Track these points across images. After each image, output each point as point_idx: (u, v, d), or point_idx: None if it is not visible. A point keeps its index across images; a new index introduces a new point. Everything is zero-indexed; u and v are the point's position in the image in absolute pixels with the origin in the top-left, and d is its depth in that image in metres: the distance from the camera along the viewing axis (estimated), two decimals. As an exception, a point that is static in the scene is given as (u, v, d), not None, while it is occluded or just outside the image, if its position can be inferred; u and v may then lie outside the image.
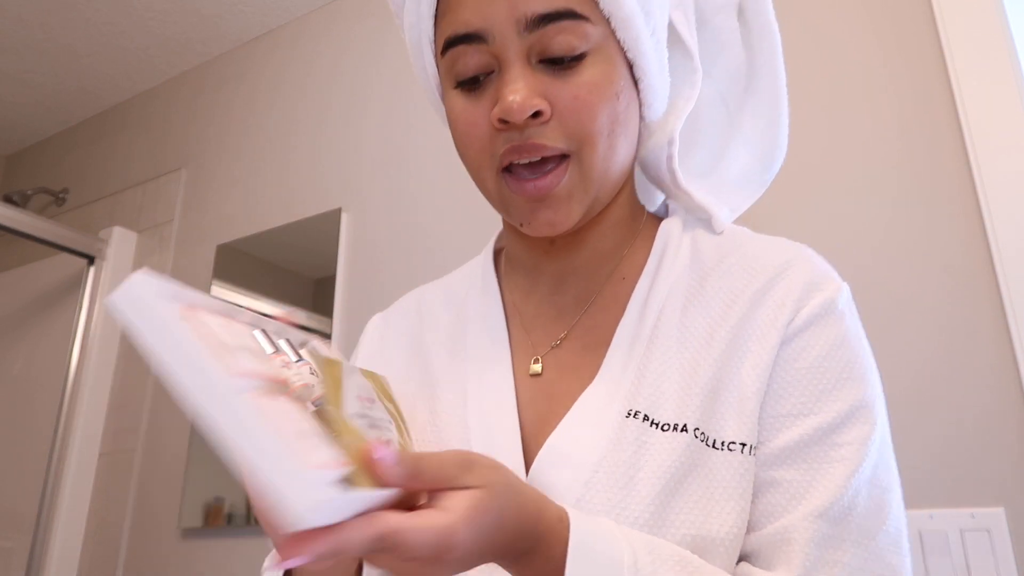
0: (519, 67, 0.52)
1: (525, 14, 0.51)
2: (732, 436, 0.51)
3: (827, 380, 0.53)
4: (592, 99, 0.53)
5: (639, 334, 0.56)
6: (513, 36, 0.52)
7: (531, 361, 0.59)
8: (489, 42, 0.53)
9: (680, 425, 0.52)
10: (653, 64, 0.57)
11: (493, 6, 0.52)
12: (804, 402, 0.53)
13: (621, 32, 0.54)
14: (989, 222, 1.04)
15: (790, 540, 0.49)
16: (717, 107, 0.68)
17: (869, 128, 1.17)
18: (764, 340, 0.54)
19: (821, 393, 0.53)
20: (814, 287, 0.55)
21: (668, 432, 0.51)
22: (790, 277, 0.56)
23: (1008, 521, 0.94)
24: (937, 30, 1.15)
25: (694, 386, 0.53)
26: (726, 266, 0.59)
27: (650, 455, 0.51)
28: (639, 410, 0.53)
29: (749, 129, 0.68)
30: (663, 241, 0.62)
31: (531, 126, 0.52)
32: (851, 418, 0.52)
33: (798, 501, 0.50)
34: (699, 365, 0.54)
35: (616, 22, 0.54)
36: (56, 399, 1.93)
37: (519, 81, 0.52)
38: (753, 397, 0.52)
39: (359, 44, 1.88)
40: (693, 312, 0.57)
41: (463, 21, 0.53)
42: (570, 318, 0.60)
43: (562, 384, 0.57)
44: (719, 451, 0.51)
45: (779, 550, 0.49)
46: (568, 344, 0.59)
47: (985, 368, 1.01)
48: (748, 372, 0.53)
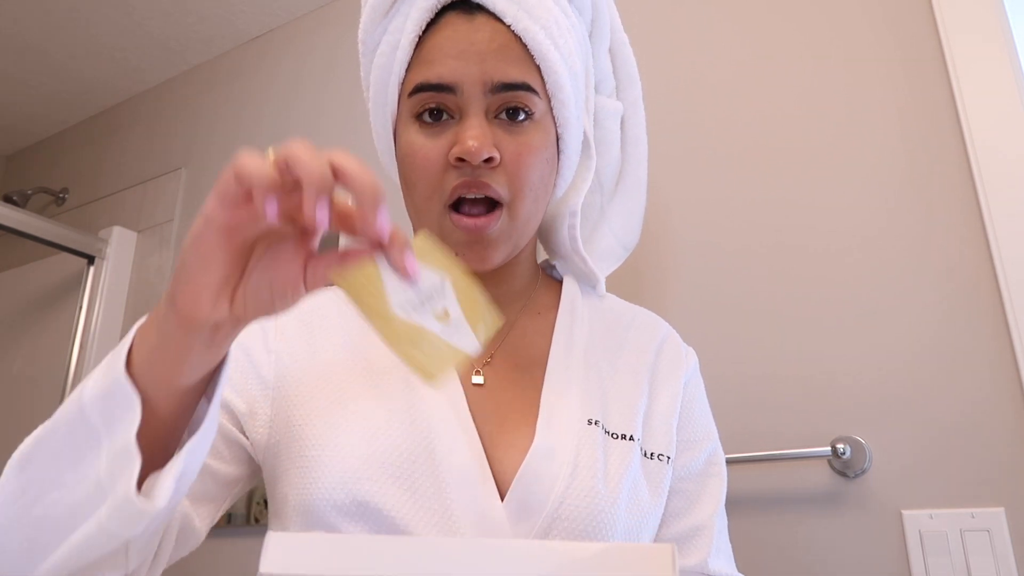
0: (479, 118, 0.63)
1: (492, 79, 0.63)
2: (661, 449, 0.67)
3: (706, 417, 0.75)
4: (531, 158, 0.65)
5: (570, 362, 0.68)
6: (479, 94, 0.63)
7: (472, 372, 0.67)
8: (457, 94, 0.64)
9: (628, 435, 0.65)
10: (574, 140, 0.71)
11: (467, 68, 0.63)
12: (697, 432, 0.72)
13: (558, 110, 0.68)
14: (989, 222, 1.04)
15: (699, 533, 0.67)
16: (596, 193, 0.83)
17: (869, 128, 1.17)
18: (672, 380, 0.73)
19: (706, 429, 0.73)
20: (689, 352, 0.78)
21: (618, 440, 0.65)
22: (674, 339, 0.78)
23: (1008, 521, 0.94)
24: (937, 29, 1.14)
25: (633, 406, 0.68)
26: (637, 323, 0.77)
27: (613, 456, 0.63)
28: (598, 419, 0.64)
29: (614, 216, 0.84)
30: (571, 292, 0.76)
31: (482, 168, 0.63)
32: (718, 446, 0.74)
33: (692, 505, 0.69)
34: (633, 390, 0.69)
35: (556, 102, 0.68)
36: (56, 399, 1.93)
37: (478, 129, 0.62)
38: (671, 420, 0.70)
39: (355, 44, 1.87)
40: (619, 353, 0.73)
41: (437, 74, 0.64)
42: (495, 340, 0.70)
43: (506, 393, 0.66)
44: (651, 460, 0.66)
45: (690, 540, 0.67)
46: (500, 362, 0.69)
47: (985, 368, 1.01)
48: (667, 402, 0.71)
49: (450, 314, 0.45)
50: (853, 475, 1.04)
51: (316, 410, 0.64)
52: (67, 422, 0.47)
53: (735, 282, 1.21)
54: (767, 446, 1.09)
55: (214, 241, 0.42)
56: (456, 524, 0.57)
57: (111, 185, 2.30)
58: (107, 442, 0.45)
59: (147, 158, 2.25)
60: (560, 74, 0.66)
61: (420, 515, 0.57)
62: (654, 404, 0.70)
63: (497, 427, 0.63)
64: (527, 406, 0.65)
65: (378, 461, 0.59)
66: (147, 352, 0.46)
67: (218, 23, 2.06)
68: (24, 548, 0.47)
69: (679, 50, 1.37)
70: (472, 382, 0.67)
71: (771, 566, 1.06)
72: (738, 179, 1.26)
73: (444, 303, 0.45)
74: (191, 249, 0.43)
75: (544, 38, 0.65)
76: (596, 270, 0.79)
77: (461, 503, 0.57)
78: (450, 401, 0.63)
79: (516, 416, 0.64)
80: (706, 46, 1.35)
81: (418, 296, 0.44)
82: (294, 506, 0.60)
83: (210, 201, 0.42)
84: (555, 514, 0.58)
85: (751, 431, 1.11)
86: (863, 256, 1.12)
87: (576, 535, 0.58)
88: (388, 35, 0.69)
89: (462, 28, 0.65)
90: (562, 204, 0.77)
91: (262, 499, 1.61)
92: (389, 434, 0.60)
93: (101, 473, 0.45)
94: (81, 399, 0.46)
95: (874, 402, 1.06)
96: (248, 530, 1.62)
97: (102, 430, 0.45)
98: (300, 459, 0.61)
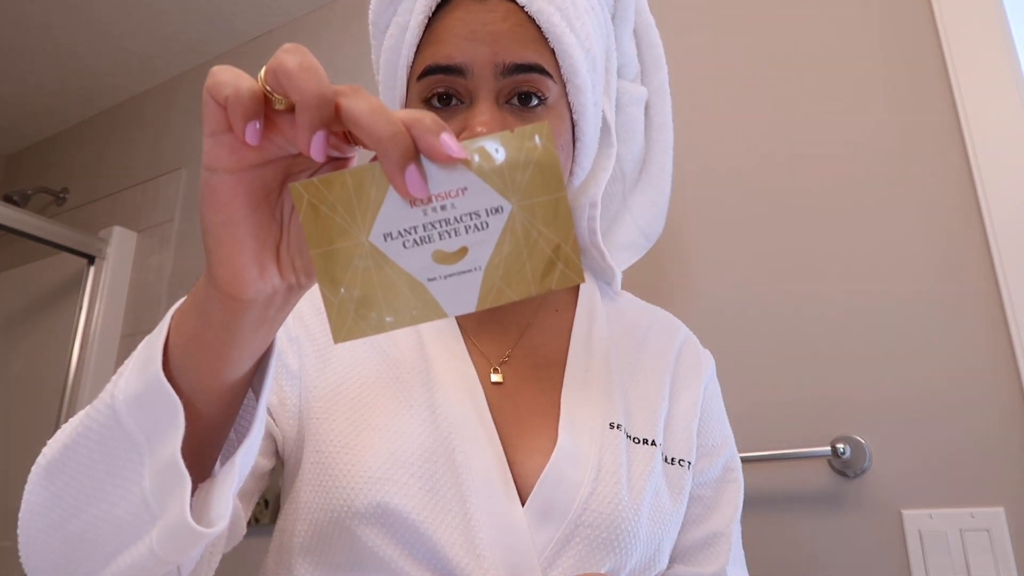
0: (489, 103, 0.60)
1: (504, 60, 0.60)
2: (682, 455, 0.66)
3: (724, 423, 0.73)
4: None
5: (589, 363, 0.66)
6: (490, 77, 0.60)
7: (490, 371, 0.65)
8: (467, 77, 0.60)
9: (650, 440, 0.64)
10: (592, 128, 0.67)
11: (478, 48, 0.60)
12: (715, 437, 0.71)
13: (573, 96, 0.64)
14: (989, 222, 1.04)
15: (718, 541, 0.66)
16: (617, 182, 0.80)
17: (869, 128, 1.17)
18: (692, 384, 0.71)
19: (724, 435, 0.72)
20: (707, 356, 0.77)
21: (640, 445, 0.63)
22: (692, 342, 0.76)
23: (1008, 521, 0.94)
24: (937, 30, 1.15)
25: (655, 411, 0.66)
26: (656, 325, 0.75)
27: (635, 462, 0.61)
28: (620, 423, 0.62)
29: (636, 206, 0.81)
30: (588, 290, 0.74)
31: None
32: (735, 453, 0.73)
33: (710, 512, 0.68)
34: (654, 394, 0.67)
35: (571, 87, 0.64)
36: (56, 399, 1.93)
37: (488, 115, 0.59)
38: (692, 425, 0.68)
39: (354, 44, 1.88)
40: (638, 355, 0.70)
41: (447, 55, 0.60)
42: (513, 337, 0.68)
43: (524, 394, 0.64)
44: (672, 466, 0.65)
45: (708, 548, 0.66)
46: (517, 360, 0.66)
47: (985, 368, 1.01)
48: (687, 406, 0.69)
49: (469, 253, 0.33)
50: (853, 475, 1.04)
51: (336, 406, 0.61)
52: (100, 426, 0.40)
53: (735, 282, 1.21)
54: (767, 446, 1.09)
55: (227, 191, 0.34)
56: (474, 530, 0.54)
57: (111, 185, 2.30)
58: (149, 456, 0.39)
59: (147, 158, 2.25)
60: (575, 58, 0.63)
61: (440, 519, 0.54)
62: (675, 408, 0.68)
63: (516, 429, 0.61)
64: (547, 407, 0.62)
65: (400, 462, 0.56)
66: (185, 342, 0.39)
67: (218, 23, 2.06)
68: (60, 564, 0.43)
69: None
70: (491, 380, 0.64)
71: (771, 566, 1.06)
72: (738, 181, 1.26)
73: (466, 240, 0.33)
74: (207, 209, 0.35)
75: (559, 20, 0.62)
76: (613, 265, 0.76)
77: (481, 508, 0.55)
78: (471, 399, 0.60)
79: (536, 418, 0.62)
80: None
81: (427, 219, 0.33)
82: (306, 506, 0.57)
83: (206, 142, 0.34)
84: (578, 521, 0.56)
85: (751, 431, 1.11)
86: (864, 257, 1.12)
87: (598, 543, 0.55)
88: (398, 16, 0.67)
89: (474, 9, 0.61)
90: (581, 195, 0.73)
91: (262, 499, 1.61)
92: (411, 433, 0.58)
93: (146, 491, 0.39)
94: (114, 400, 0.40)
95: (874, 402, 1.06)
96: (248, 529, 1.61)
97: (142, 441, 0.39)
98: (317, 455, 0.58)
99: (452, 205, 0.32)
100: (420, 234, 0.33)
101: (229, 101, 0.32)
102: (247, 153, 0.34)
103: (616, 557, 0.56)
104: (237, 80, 0.32)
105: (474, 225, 0.33)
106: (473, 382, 0.61)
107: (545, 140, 0.33)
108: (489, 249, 0.33)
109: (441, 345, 0.64)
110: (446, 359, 0.63)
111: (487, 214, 0.33)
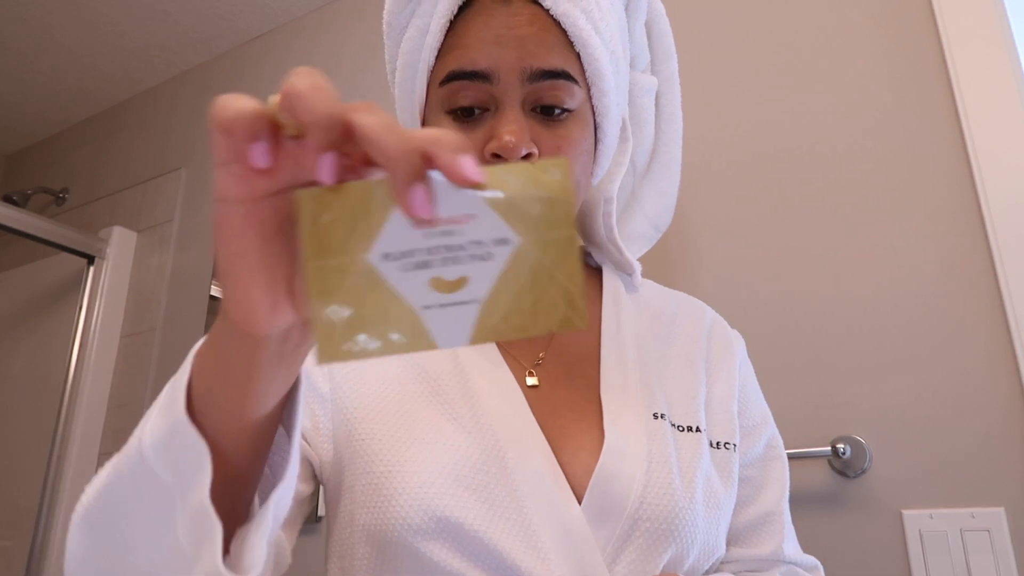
0: (516, 111, 0.58)
1: (531, 66, 0.58)
2: (726, 438, 0.65)
3: (760, 400, 0.72)
4: (570, 152, 0.61)
5: (623, 356, 0.65)
6: (516, 83, 0.58)
7: (525, 374, 0.64)
8: (492, 83, 0.59)
9: (695, 427, 0.63)
10: (613, 128, 0.66)
11: (503, 53, 0.58)
12: (755, 416, 0.70)
13: (597, 99, 0.63)
14: (989, 222, 1.04)
15: (771, 520, 0.66)
16: (628, 174, 0.79)
17: (869, 128, 1.17)
18: (726, 365, 0.70)
19: (762, 413, 0.71)
20: (737, 337, 0.75)
21: (686, 432, 0.62)
22: (721, 324, 0.75)
23: (1008, 521, 0.94)
24: (937, 30, 1.15)
25: (694, 397, 0.65)
26: (683, 311, 0.74)
27: (684, 450, 0.60)
28: (663, 413, 0.62)
29: (646, 197, 0.80)
30: (612, 283, 0.73)
31: None
32: (774, 428, 0.72)
33: (759, 491, 0.67)
34: (692, 381, 0.67)
35: (595, 90, 0.63)
36: (56, 399, 1.93)
37: (515, 123, 0.57)
38: (732, 407, 0.67)
39: (356, 44, 1.88)
40: (669, 343, 0.70)
41: (472, 60, 0.59)
42: (543, 339, 0.67)
43: (562, 394, 0.63)
44: (718, 450, 0.64)
45: (761, 528, 0.65)
46: (550, 361, 0.66)
47: (985, 368, 1.01)
48: (724, 388, 0.68)
49: (468, 283, 0.31)
50: (853, 475, 1.04)
51: (380, 423, 0.59)
52: (130, 471, 0.40)
53: (735, 282, 1.21)
54: (767, 446, 1.09)
55: (238, 222, 0.33)
56: (536, 534, 0.54)
57: (111, 185, 2.30)
58: (180, 501, 0.38)
59: (147, 158, 2.25)
60: (601, 61, 0.61)
61: (500, 526, 0.54)
62: (712, 392, 0.68)
63: (560, 429, 0.60)
64: (587, 405, 0.62)
65: (453, 474, 0.55)
66: (208, 382, 0.38)
67: (218, 23, 2.06)
68: None
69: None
70: (527, 384, 0.63)
71: (771, 566, 1.06)
72: (739, 181, 1.26)
73: (467, 269, 0.31)
74: (219, 242, 0.34)
75: (585, 23, 0.60)
76: (631, 258, 0.75)
77: (539, 511, 0.54)
78: (512, 405, 0.59)
79: (577, 416, 0.61)
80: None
81: (429, 243, 0.31)
82: (364, 528, 0.56)
83: (216, 174, 0.33)
84: (636, 515, 0.55)
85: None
86: (864, 257, 1.13)
87: (658, 535, 0.55)
88: (416, 18, 0.64)
89: (498, 12, 0.59)
90: (596, 191, 0.73)
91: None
92: (459, 445, 0.57)
93: (181, 538, 0.38)
94: (141, 444, 0.39)
95: (874, 402, 1.06)
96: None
97: (172, 485, 0.38)
98: (368, 475, 0.57)
99: (457, 231, 0.31)
100: (420, 258, 0.31)
101: (233, 124, 0.31)
102: (258, 181, 0.32)
103: (677, 547, 0.56)
104: (239, 102, 0.31)
105: (478, 255, 0.31)
106: (512, 387, 0.60)
107: (563, 176, 0.31)
108: (490, 282, 0.31)
109: (475, 353, 0.63)
110: (481, 367, 0.62)
111: (493, 244, 0.31)
